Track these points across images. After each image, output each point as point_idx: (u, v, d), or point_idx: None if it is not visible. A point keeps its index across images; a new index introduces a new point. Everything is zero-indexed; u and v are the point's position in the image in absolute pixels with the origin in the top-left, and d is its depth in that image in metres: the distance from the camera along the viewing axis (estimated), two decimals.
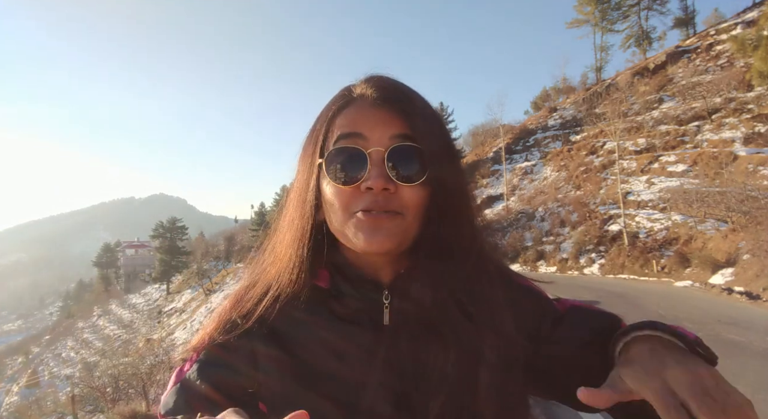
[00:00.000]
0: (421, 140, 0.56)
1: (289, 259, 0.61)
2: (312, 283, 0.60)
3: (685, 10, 35.30)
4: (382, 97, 0.57)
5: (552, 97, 40.47)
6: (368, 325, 0.58)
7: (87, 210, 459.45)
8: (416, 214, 0.56)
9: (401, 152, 0.55)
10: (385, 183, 0.54)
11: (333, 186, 0.57)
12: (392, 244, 0.55)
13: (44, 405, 16.91)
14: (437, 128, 0.59)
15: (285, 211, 0.65)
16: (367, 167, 0.55)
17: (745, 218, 14.44)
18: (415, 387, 0.55)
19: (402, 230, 0.55)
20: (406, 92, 0.60)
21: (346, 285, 0.60)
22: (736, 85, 22.45)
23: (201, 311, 31.67)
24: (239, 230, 53.69)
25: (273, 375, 0.57)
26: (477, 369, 0.56)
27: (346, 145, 0.56)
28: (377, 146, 0.55)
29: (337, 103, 0.60)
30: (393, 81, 0.61)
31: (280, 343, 0.58)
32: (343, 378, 0.56)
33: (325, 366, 0.56)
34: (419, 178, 0.55)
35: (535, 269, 20.12)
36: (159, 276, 48.59)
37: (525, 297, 0.67)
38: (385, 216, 0.54)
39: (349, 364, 0.56)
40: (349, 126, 0.57)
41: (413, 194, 0.55)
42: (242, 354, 0.58)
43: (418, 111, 0.58)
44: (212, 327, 0.61)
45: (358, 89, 0.60)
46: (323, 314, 0.59)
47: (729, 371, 4.08)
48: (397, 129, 0.56)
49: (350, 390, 0.55)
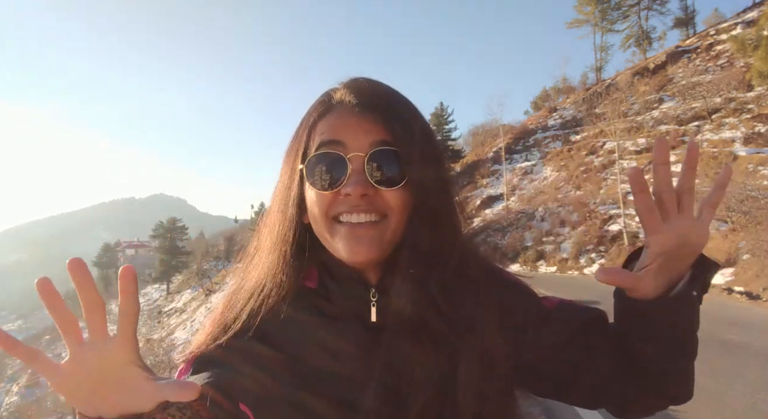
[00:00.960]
0: (401, 144, 0.56)
1: (273, 262, 0.62)
2: (300, 283, 0.61)
3: (685, 10, 35.32)
4: (361, 104, 0.57)
5: (552, 97, 40.49)
6: (356, 322, 0.59)
7: (87, 210, 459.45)
8: (399, 217, 0.57)
9: (381, 157, 0.56)
10: (364, 189, 0.55)
11: (313, 191, 0.58)
12: (375, 253, 0.56)
13: (44, 405, 16.93)
14: (418, 132, 0.59)
15: (267, 215, 0.66)
16: (347, 173, 0.55)
17: (745, 218, 14.45)
18: (401, 382, 0.56)
19: (384, 236, 0.56)
20: (385, 97, 0.60)
21: (333, 284, 0.61)
22: (736, 85, 22.46)
23: (201, 311, 31.67)
24: (239, 230, 53.69)
25: (264, 374, 0.57)
26: (456, 368, 0.56)
27: (327, 150, 0.57)
28: (357, 151, 0.56)
29: (318, 109, 0.60)
30: (373, 85, 0.61)
31: (270, 342, 0.59)
32: (333, 374, 0.57)
33: (314, 364, 0.57)
34: (399, 182, 0.56)
35: (535, 270, 20.12)
36: (159, 276, 48.59)
37: (513, 295, 0.67)
38: (367, 225, 0.55)
39: (339, 361, 0.57)
40: (329, 133, 0.57)
41: (395, 198, 0.56)
42: (234, 355, 0.58)
43: (398, 116, 0.58)
44: (207, 331, 0.62)
45: (338, 95, 0.60)
46: (312, 312, 0.60)
47: (729, 371, 4.09)
48: (376, 135, 0.57)
49: (340, 386, 0.56)
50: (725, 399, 4.55)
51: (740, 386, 4.84)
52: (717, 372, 5.37)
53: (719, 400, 4.52)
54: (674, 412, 4.28)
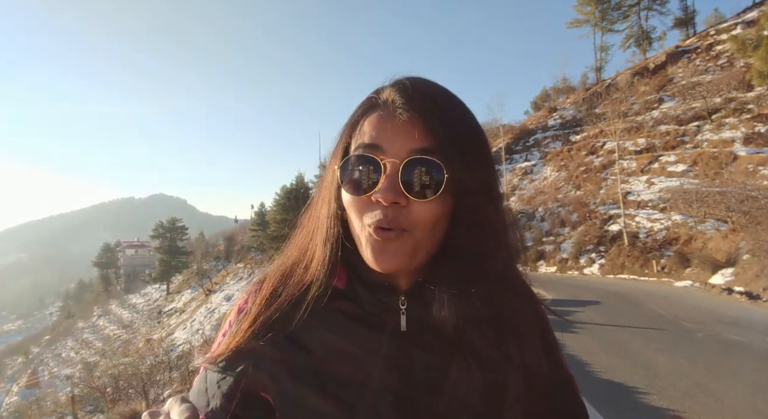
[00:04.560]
0: (443, 152, 0.53)
1: (313, 255, 0.61)
2: (328, 281, 0.60)
3: (685, 10, 35.31)
4: (405, 106, 0.54)
5: (552, 97, 40.48)
6: (383, 329, 0.57)
7: (87, 210, 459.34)
8: (427, 230, 0.54)
9: (417, 165, 0.53)
10: (395, 197, 0.52)
11: (347, 194, 0.56)
12: (400, 264, 0.54)
13: (44, 406, 16.90)
14: (465, 139, 0.55)
15: (312, 207, 0.64)
16: (380, 179, 0.53)
17: (745, 218, 14.45)
18: (423, 393, 0.54)
19: (410, 248, 0.54)
20: (433, 99, 0.56)
21: (362, 288, 0.59)
22: (736, 85, 22.46)
23: (201, 311, 31.63)
24: (239, 230, 53.63)
25: (283, 373, 0.56)
26: (501, 401, 0.54)
27: (363, 153, 0.55)
28: (394, 157, 0.53)
29: (363, 107, 0.58)
30: (422, 86, 0.57)
31: (295, 340, 0.58)
32: (353, 380, 0.55)
33: (335, 367, 0.56)
34: (433, 194, 0.53)
35: (535, 270, 20.12)
36: (159, 276, 48.49)
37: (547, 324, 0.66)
38: (392, 235, 0.53)
39: (361, 366, 0.56)
40: (369, 135, 0.55)
41: (425, 210, 0.53)
42: (260, 348, 0.57)
43: (444, 121, 0.54)
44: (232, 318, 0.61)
45: (384, 94, 0.57)
46: (340, 314, 0.59)
47: (729, 371, 4.10)
48: (417, 142, 0.53)
49: (358, 392, 0.55)
50: (725, 399, 4.55)
51: (740, 386, 4.84)
52: (717, 372, 5.37)
53: (719, 400, 4.52)
54: (674, 412, 4.29)
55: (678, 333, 7.59)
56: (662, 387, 4.96)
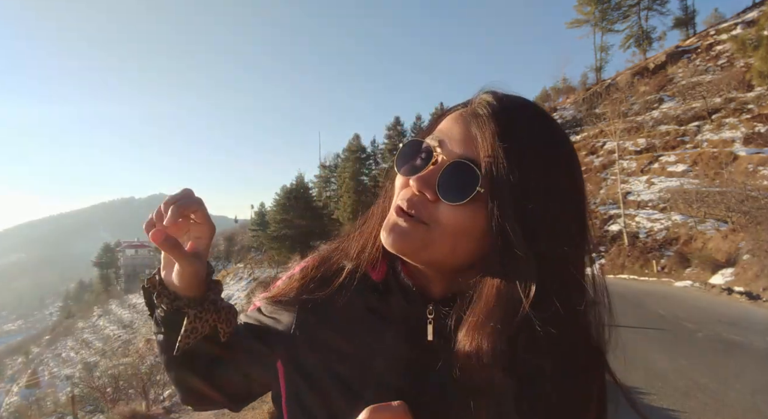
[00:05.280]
0: (489, 166, 0.51)
1: (370, 240, 0.64)
2: (365, 270, 0.62)
3: (685, 10, 35.36)
4: (480, 114, 0.54)
5: (552, 97, 40.50)
6: (404, 333, 0.57)
7: (87, 210, 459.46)
8: (446, 234, 0.53)
9: (459, 168, 0.53)
10: (425, 188, 0.53)
11: (397, 171, 0.59)
12: (404, 248, 0.54)
13: (44, 406, 16.90)
14: (522, 161, 0.51)
15: (385, 194, 0.66)
16: (426, 168, 0.55)
17: (745, 218, 14.46)
18: (433, 400, 0.54)
19: (420, 239, 0.54)
20: (512, 118, 0.54)
21: (396, 286, 0.60)
22: (736, 85, 22.49)
23: None
24: (239, 230, 53.70)
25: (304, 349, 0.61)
26: None
27: (425, 140, 0.57)
28: (446, 155, 0.55)
29: (455, 106, 0.61)
30: (504, 99, 0.56)
31: (329, 320, 0.61)
32: (363, 370, 0.57)
33: (351, 350, 0.58)
34: (460, 200, 0.52)
35: None
36: None
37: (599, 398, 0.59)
38: (409, 220, 0.54)
39: (373, 361, 0.57)
40: (440, 132, 0.57)
41: (449, 213, 0.53)
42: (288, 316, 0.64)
43: (507, 137, 0.52)
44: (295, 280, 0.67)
45: (475, 100, 0.58)
46: (371, 306, 0.61)
47: (729, 371, 4.09)
48: (470, 150, 0.53)
49: (367, 384, 0.56)
50: (725, 399, 4.55)
51: (740, 386, 4.84)
52: (717, 372, 5.37)
53: (719, 400, 4.52)
54: (674, 412, 4.29)
55: (678, 333, 7.59)
56: (662, 387, 4.96)
